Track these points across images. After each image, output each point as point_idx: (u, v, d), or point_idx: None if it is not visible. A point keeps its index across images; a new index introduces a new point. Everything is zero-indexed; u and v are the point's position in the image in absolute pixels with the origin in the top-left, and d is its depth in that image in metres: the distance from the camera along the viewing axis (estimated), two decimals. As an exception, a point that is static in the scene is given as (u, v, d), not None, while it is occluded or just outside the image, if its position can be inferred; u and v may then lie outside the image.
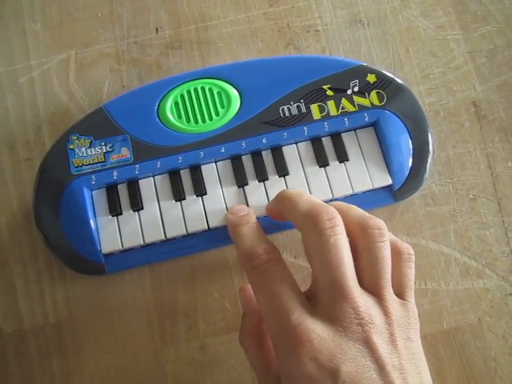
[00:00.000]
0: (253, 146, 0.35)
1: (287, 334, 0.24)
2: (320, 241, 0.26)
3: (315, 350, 0.24)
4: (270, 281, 0.26)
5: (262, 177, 0.35)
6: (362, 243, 0.27)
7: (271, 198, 0.34)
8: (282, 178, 0.35)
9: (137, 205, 0.34)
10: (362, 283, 0.26)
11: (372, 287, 0.26)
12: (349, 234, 0.27)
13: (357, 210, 0.29)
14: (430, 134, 0.36)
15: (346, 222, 0.27)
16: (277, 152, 0.36)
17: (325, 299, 0.26)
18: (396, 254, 0.28)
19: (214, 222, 0.34)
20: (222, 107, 0.36)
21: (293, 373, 0.24)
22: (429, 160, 0.36)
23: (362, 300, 0.25)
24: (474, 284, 0.36)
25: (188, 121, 0.35)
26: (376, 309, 0.25)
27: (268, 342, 0.29)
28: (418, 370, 0.25)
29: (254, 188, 0.35)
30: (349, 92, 0.36)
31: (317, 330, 0.24)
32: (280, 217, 0.31)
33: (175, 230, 0.34)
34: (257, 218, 0.31)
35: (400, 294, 0.27)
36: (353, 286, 0.25)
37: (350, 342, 0.24)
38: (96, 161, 0.34)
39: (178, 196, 0.34)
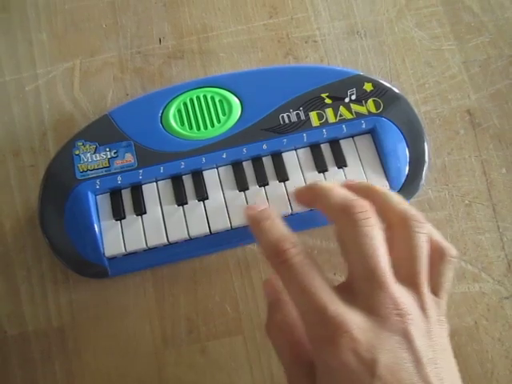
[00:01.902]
0: (253, 152, 0.36)
1: (325, 325, 0.24)
2: (354, 231, 0.26)
3: (354, 341, 0.23)
4: (301, 274, 0.25)
5: (262, 182, 0.36)
6: (400, 233, 0.27)
7: (272, 202, 0.35)
8: (282, 183, 0.36)
9: (140, 209, 0.35)
10: (398, 275, 0.26)
11: (409, 279, 0.26)
12: (388, 223, 0.28)
13: (398, 199, 0.28)
14: (425, 141, 0.37)
15: (386, 209, 0.28)
16: (277, 158, 0.37)
17: (362, 290, 0.25)
18: (439, 253, 0.27)
19: (216, 226, 0.35)
20: (224, 114, 0.37)
21: (330, 364, 0.24)
22: (425, 167, 0.37)
23: (399, 291, 0.25)
24: (470, 288, 0.37)
25: (190, 127, 0.36)
26: (412, 301, 0.25)
27: (296, 333, 0.28)
28: (449, 366, 0.25)
29: (255, 193, 0.36)
30: (346, 100, 0.37)
31: (355, 321, 0.24)
32: (307, 203, 0.32)
33: (177, 234, 0.35)
34: None
35: (435, 291, 0.27)
36: (389, 276, 0.25)
37: (388, 333, 0.24)
38: (101, 166, 0.35)
39: (181, 200, 0.35)
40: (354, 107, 0.37)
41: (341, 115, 0.37)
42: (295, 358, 0.27)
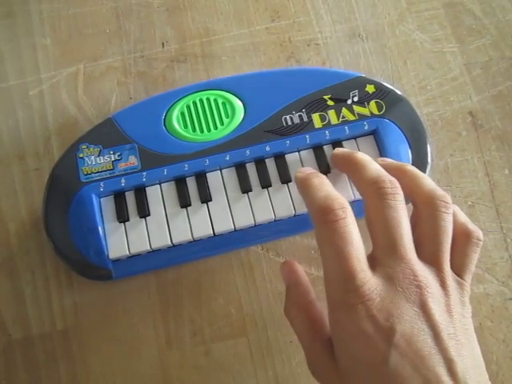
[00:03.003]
0: (256, 154, 0.36)
1: (350, 292, 0.25)
2: (382, 203, 0.27)
3: (374, 309, 0.24)
4: (341, 239, 0.26)
5: (265, 183, 0.36)
6: (425, 212, 0.28)
7: (275, 203, 0.35)
8: (285, 184, 0.36)
9: (144, 211, 0.35)
10: (420, 253, 0.27)
11: (430, 257, 0.27)
12: (415, 202, 0.28)
13: (429, 180, 0.29)
14: (428, 143, 0.37)
15: (416, 188, 0.28)
16: (280, 159, 0.37)
17: (384, 260, 0.26)
18: (465, 235, 0.28)
19: (219, 228, 0.35)
20: (227, 117, 0.37)
21: (349, 331, 0.25)
22: (428, 168, 0.37)
23: (420, 265, 0.26)
24: (475, 289, 0.37)
25: (194, 130, 0.36)
26: (433, 278, 0.26)
27: (314, 312, 0.29)
28: (471, 346, 0.25)
29: (258, 194, 0.36)
30: (349, 102, 0.38)
31: (378, 290, 0.25)
32: (340, 168, 0.33)
33: (181, 236, 0.35)
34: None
35: (459, 273, 0.27)
36: (411, 249, 0.26)
37: (407, 304, 0.24)
38: (105, 169, 0.35)
39: (184, 203, 0.35)
40: (357, 109, 0.37)
41: (343, 117, 0.37)
42: (314, 334, 0.28)
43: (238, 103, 0.37)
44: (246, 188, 0.36)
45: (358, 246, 0.26)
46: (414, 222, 0.28)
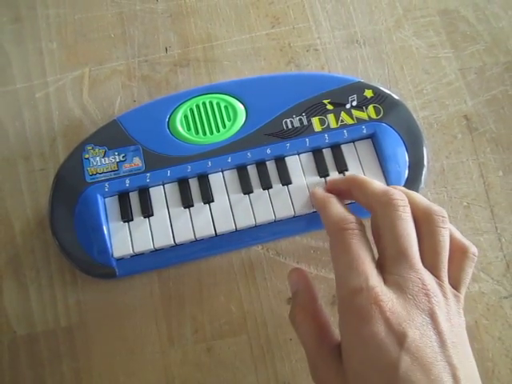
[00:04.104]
0: (258, 156, 0.37)
1: (363, 294, 0.26)
2: (393, 214, 0.28)
3: (387, 312, 0.25)
4: (356, 245, 0.28)
5: (266, 185, 0.37)
6: (425, 227, 0.29)
7: (275, 204, 0.36)
8: (285, 186, 0.37)
9: (147, 211, 0.36)
10: (422, 264, 0.28)
11: (431, 268, 0.27)
12: (414, 218, 0.29)
13: (422, 198, 0.30)
14: (424, 146, 0.38)
15: (413, 206, 0.29)
16: (280, 162, 0.38)
17: (394, 269, 0.27)
18: (461, 250, 0.29)
19: (221, 228, 0.36)
20: (229, 120, 0.38)
21: (361, 332, 0.25)
22: (424, 170, 0.38)
23: (427, 274, 0.27)
24: (470, 288, 0.37)
25: (197, 132, 0.37)
26: (437, 287, 0.27)
27: (320, 319, 0.30)
28: (467, 355, 0.26)
29: (259, 195, 0.37)
30: (347, 106, 0.39)
31: (389, 295, 0.26)
32: (338, 193, 0.34)
33: (184, 236, 0.36)
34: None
35: (455, 286, 0.28)
36: (419, 260, 0.27)
37: (417, 311, 0.25)
38: (109, 169, 0.36)
39: (187, 203, 0.36)
40: (355, 113, 0.38)
41: (342, 121, 0.38)
42: (322, 341, 0.29)
43: (240, 107, 0.38)
44: (247, 189, 0.37)
45: (371, 255, 0.28)
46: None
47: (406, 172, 0.38)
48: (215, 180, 0.37)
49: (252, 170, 0.37)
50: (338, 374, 0.27)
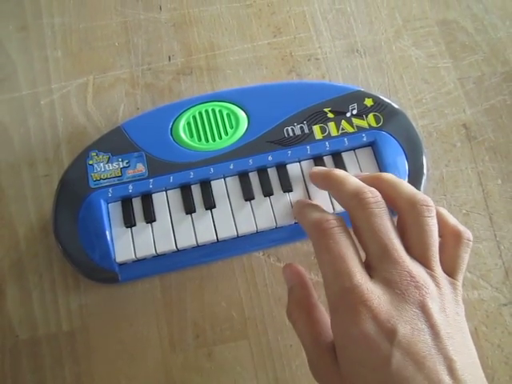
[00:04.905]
0: (259, 164, 0.37)
1: (349, 294, 0.25)
2: (366, 213, 0.28)
3: (375, 310, 0.25)
4: (337, 243, 0.27)
5: (267, 192, 0.37)
6: (410, 218, 0.28)
7: (276, 211, 0.36)
8: (287, 193, 0.37)
9: (150, 217, 0.36)
10: (411, 256, 0.27)
11: (421, 259, 0.27)
12: (398, 209, 0.29)
13: (407, 186, 0.30)
14: (424, 154, 0.39)
15: (397, 196, 0.29)
16: (281, 169, 0.38)
17: (379, 266, 0.27)
18: (456, 236, 0.29)
19: (223, 234, 0.36)
20: (231, 127, 0.38)
21: (350, 332, 0.25)
22: (423, 178, 0.38)
23: (415, 265, 0.26)
24: (470, 295, 0.38)
25: (199, 139, 0.38)
26: (428, 277, 0.26)
27: (316, 315, 0.29)
28: (466, 344, 0.26)
29: (260, 202, 0.37)
30: (348, 114, 0.39)
31: (376, 292, 0.25)
32: (319, 185, 0.34)
33: (186, 241, 0.36)
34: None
35: (451, 273, 0.28)
36: (403, 251, 0.27)
37: (407, 305, 0.25)
38: (113, 175, 0.37)
39: (189, 209, 0.37)
40: (356, 121, 0.39)
41: (343, 129, 0.39)
42: (317, 336, 0.28)
43: (242, 114, 0.39)
44: (248, 196, 0.37)
45: (354, 251, 0.27)
46: (399, 229, 0.28)
47: (406, 180, 0.38)
48: (217, 186, 0.37)
49: (254, 177, 0.38)
50: (335, 371, 0.26)
